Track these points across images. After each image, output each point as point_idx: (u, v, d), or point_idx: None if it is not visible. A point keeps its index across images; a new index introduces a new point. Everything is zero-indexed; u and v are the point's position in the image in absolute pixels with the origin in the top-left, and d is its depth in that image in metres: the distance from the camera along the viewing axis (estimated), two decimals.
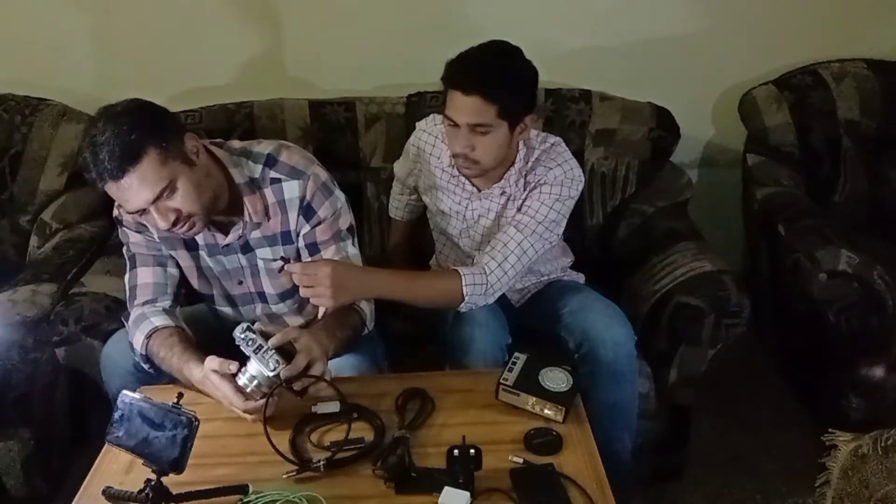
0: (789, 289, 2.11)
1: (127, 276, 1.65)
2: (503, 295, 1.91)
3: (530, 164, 1.73)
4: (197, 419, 1.20)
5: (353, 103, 2.18)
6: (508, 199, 1.76)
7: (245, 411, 1.40)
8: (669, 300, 1.85)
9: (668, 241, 2.02)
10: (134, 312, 1.61)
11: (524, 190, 1.73)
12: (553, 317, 1.78)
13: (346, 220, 1.65)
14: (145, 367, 1.58)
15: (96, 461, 1.38)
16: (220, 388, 1.40)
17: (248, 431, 1.39)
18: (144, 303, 1.62)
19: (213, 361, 1.41)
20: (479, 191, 1.79)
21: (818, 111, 2.28)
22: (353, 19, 2.26)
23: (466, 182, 1.79)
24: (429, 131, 1.86)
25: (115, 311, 1.78)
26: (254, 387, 1.38)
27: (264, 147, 1.62)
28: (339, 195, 1.64)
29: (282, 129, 2.14)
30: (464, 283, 1.63)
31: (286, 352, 1.40)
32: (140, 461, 1.22)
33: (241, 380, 1.39)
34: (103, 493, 1.23)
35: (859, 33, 2.36)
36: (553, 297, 1.84)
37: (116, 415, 1.25)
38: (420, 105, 2.15)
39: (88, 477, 1.35)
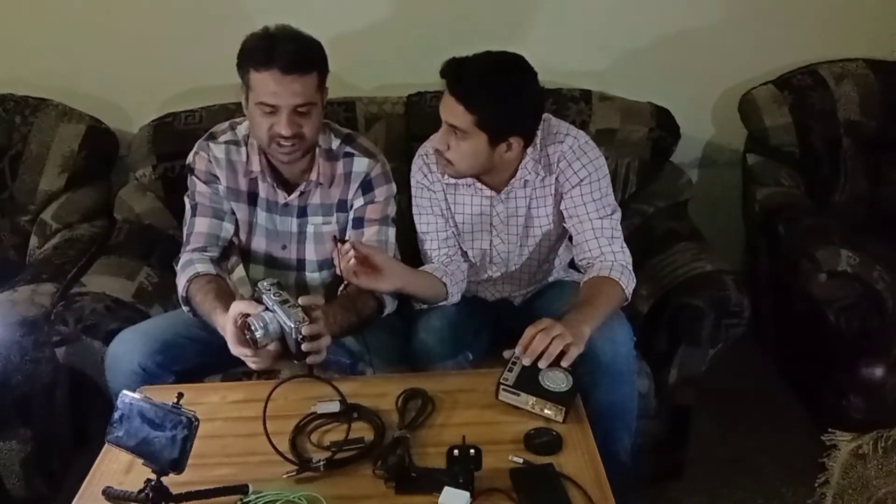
0: (789, 289, 2.11)
1: (186, 223, 1.78)
2: (503, 295, 1.92)
3: (538, 145, 1.73)
4: (197, 419, 1.20)
5: (353, 103, 2.18)
6: (535, 188, 1.76)
7: (235, 353, 1.48)
8: (669, 300, 1.85)
9: (668, 241, 2.02)
10: (184, 257, 1.74)
11: (546, 168, 1.74)
12: (553, 316, 1.77)
13: (393, 209, 1.79)
14: (185, 309, 1.69)
15: (96, 461, 1.38)
16: (227, 329, 1.47)
17: (248, 431, 1.38)
18: (194, 249, 1.74)
19: (240, 304, 1.48)
20: (498, 192, 1.77)
21: (818, 111, 2.27)
22: (353, 19, 2.26)
23: (483, 188, 1.77)
24: (423, 162, 1.81)
25: (115, 311, 1.78)
26: (261, 333, 1.41)
27: (340, 129, 1.81)
28: (393, 187, 1.80)
29: None
30: (625, 287, 1.66)
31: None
32: (140, 461, 1.22)
33: (255, 322, 1.41)
34: (103, 493, 1.23)
35: (859, 33, 2.36)
36: (553, 297, 1.85)
37: (116, 415, 1.25)
38: (420, 105, 2.15)
39: (88, 477, 1.35)
